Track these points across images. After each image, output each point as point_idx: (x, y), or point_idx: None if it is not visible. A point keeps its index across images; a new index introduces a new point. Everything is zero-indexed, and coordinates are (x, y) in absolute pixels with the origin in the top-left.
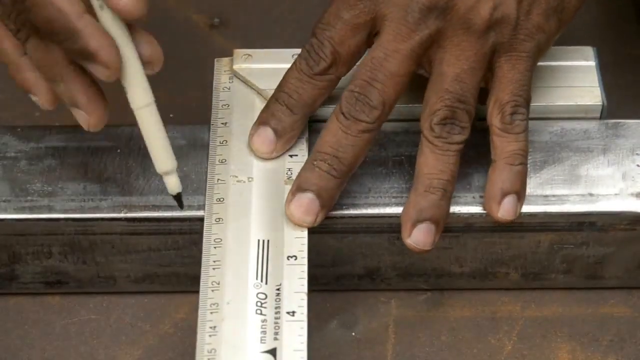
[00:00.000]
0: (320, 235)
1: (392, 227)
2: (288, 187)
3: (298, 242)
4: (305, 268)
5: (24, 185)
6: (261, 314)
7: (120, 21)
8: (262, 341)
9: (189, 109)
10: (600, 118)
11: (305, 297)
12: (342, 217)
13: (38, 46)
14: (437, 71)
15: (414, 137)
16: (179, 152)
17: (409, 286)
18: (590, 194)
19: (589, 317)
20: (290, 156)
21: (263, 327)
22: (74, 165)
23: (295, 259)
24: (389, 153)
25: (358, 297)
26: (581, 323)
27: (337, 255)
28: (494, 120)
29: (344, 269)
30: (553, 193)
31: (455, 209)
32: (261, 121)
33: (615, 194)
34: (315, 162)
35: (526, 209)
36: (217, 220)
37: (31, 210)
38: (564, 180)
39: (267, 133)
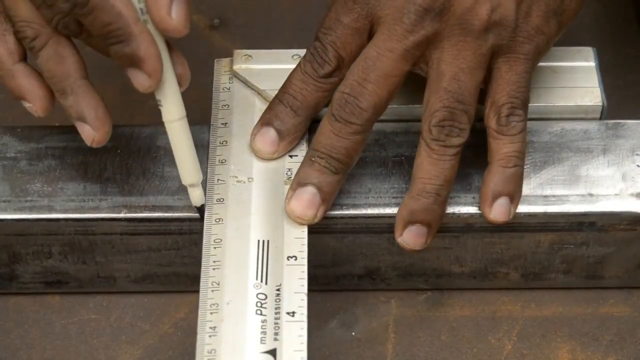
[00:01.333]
0: (320, 235)
1: (392, 228)
2: (288, 187)
3: (298, 242)
4: (305, 268)
5: (24, 186)
6: (261, 314)
7: (161, 36)
8: (262, 341)
9: (189, 109)
10: (601, 118)
11: (305, 298)
12: (342, 217)
13: (52, 57)
14: (435, 71)
15: (414, 137)
16: None
17: (409, 286)
18: (590, 194)
19: (589, 317)
20: (290, 156)
21: (263, 327)
22: (74, 166)
23: (295, 259)
24: (389, 153)
25: (358, 297)
26: (581, 323)
27: (337, 255)
28: (491, 122)
29: (344, 269)
30: (553, 193)
31: (455, 209)
32: (264, 122)
33: (615, 194)
34: (313, 159)
35: (526, 209)
36: (217, 220)
37: (31, 210)
38: (564, 180)
39: (270, 134)
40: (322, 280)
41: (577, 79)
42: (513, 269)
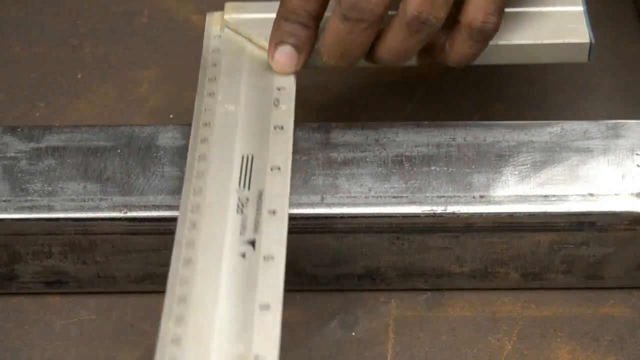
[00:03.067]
0: (320, 235)
1: (392, 227)
2: (275, 111)
3: (282, 155)
4: (288, 177)
5: (24, 185)
6: (242, 212)
7: None
8: (242, 233)
9: (189, 109)
10: (589, 58)
11: (287, 201)
12: (342, 217)
13: None
14: None
15: (414, 137)
16: (179, 151)
17: (409, 286)
18: (590, 194)
19: (589, 317)
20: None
21: (243, 223)
22: (74, 165)
23: (279, 170)
24: (389, 153)
25: (358, 297)
26: (581, 323)
27: (337, 255)
28: (465, 26)
29: (344, 269)
30: (553, 193)
31: (455, 209)
32: (278, 41)
33: (615, 194)
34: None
35: (526, 209)
36: (202, 140)
37: (31, 210)
38: (564, 180)
39: (287, 50)
40: (322, 280)
41: (565, 21)
42: (513, 269)
